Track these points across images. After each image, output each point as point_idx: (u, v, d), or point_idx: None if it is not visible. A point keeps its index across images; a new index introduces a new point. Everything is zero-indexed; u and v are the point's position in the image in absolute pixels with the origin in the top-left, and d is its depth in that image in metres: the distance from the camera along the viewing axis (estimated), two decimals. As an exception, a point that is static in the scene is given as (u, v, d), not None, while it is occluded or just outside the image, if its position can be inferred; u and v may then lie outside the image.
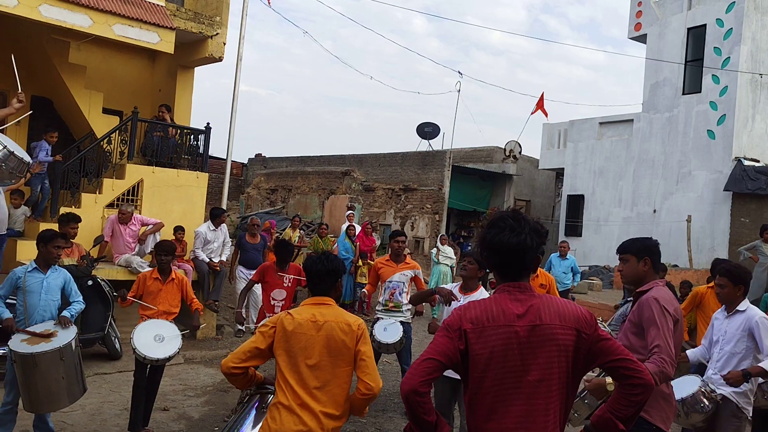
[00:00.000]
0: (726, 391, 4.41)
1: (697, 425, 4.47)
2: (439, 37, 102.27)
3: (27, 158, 5.58)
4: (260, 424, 3.28)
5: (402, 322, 6.56)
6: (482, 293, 5.04)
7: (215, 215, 9.51)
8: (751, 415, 4.51)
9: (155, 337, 5.34)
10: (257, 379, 3.38)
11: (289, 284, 6.45)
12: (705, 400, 4.34)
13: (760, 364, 4.32)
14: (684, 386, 4.45)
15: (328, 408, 3.06)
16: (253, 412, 3.49)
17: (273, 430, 3.02)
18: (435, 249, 13.29)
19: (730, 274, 4.57)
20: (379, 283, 6.95)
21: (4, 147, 5.33)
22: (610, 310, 10.34)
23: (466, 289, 5.09)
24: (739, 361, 4.42)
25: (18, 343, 4.63)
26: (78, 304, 5.15)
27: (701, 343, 4.90)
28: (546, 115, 19.21)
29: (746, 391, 4.43)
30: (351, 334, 3.11)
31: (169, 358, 5.40)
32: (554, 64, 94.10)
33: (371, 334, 5.95)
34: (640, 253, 3.68)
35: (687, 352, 4.93)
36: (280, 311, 6.19)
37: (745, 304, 4.54)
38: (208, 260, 9.26)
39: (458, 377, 2.44)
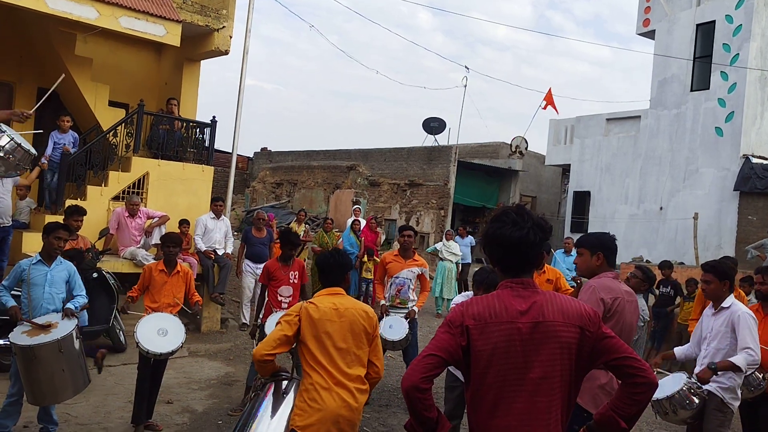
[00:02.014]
0: (712, 386, 4.47)
1: (687, 421, 4.55)
2: (444, 32, 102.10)
3: (32, 150, 5.59)
4: (281, 409, 3.55)
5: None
6: None
7: (211, 202, 9.60)
8: (735, 409, 4.56)
9: (159, 331, 5.32)
10: (276, 367, 3.61)
11: (295, 281, 6.41)
12: (692, 396, 4.42)
13: (730, 359, 4.36)
14: (670, 384, 4.53)
15: (357, 384, 3.42)
16: (270, 398, 3.66)
17: (316, 409, 3.30)
18: (440, 243, 13.28)
19: (715, 270, 4.60)
20: (386, 277, 6.91)
21: (11, 139, 5.35)
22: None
23: None
24: (723, 358, 4.45)
25: (18, 336, 4.63)
26: (81, 298, 5.14)
27: (691, 340, 4.93)
28: (556, 110, 19.20)
29: (732, 386, 4.48)
30: (369, 320, 3.50)
31: (173, 353, 5.39)
32: (560, 60, 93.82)
33: None
34: (594, 248, 3.76)
35: (675, 349, 4.99)
36: (287, 307, 6.21)
37: (729, 300, 4.57)
38: (205, 248, 9.27)
39: None
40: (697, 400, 4.42)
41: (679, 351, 4.92)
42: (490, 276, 4.76)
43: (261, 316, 6.51)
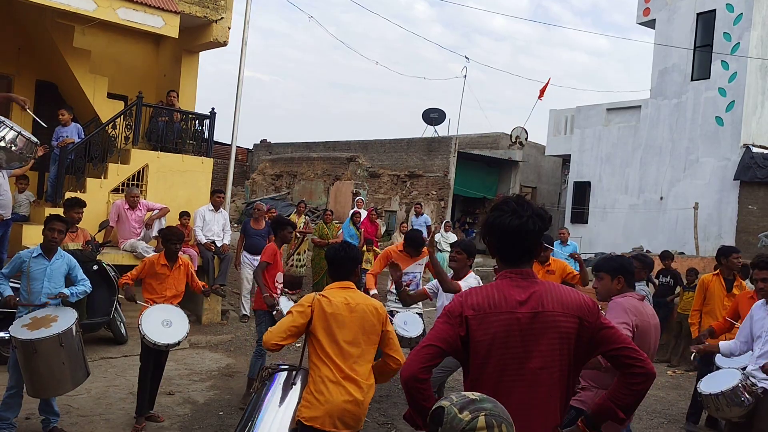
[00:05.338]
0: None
1: (735, 418, 4.41)
2: (442, 22, 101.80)
3: (34, 139, 5.58)
4: (288, 399, 3.57)
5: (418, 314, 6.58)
6: (470, 278, 5.11)
7: (211, 194, 9.68)
8: None
9: (163, 323, 5.34)
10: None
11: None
12: (746, 393, 4.28)
13: None
14: (724, 379, 4.41)
15: (365, 378, 3.47)
16: (277, 389, 3.67)
17: (322, 402, 3.34)
18: (438, 234, 13.33)
19: None
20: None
21: (11, 128, 5.34)
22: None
23: (455, 278, 5.18)
24: None
25: (18, 329, 4.62)
26: (83, 286, 5.13)
27: (736, 337, 4.74)
28: (541, 98, 19.15)
29: None
30: (378, 317, 3.53)
31: (179, 343, 5.42)
32: (558, 50, 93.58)
33: None
34: (614, 272, 3.75)
35: (720, 343, 4.84)
36: (280, 293, 6.27)
37: None
38: (205, 240, 9.28)
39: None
40: (751, 398, 4.28)
41: (724, 346, 4.77)
42: None
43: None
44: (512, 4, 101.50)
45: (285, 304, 5.89)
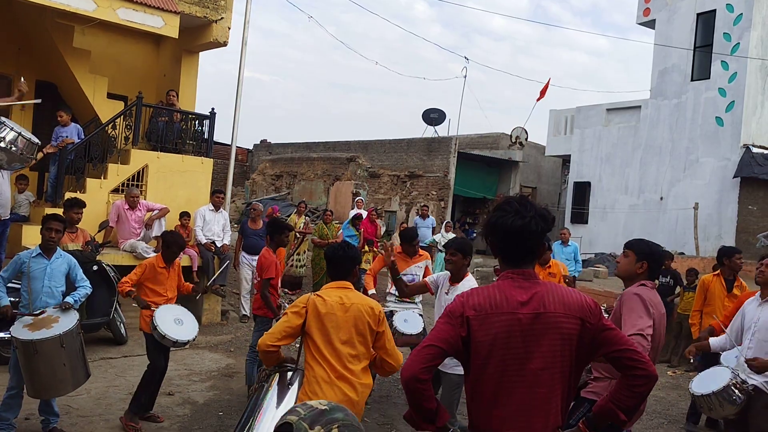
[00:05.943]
0: (758, 381, 4.26)
1: (729, 417, 4.37)
2: (441, 22, 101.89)
3: (35, 139, 5.58)
4: (285, 400, 3.53)
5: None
6: (469, 280, 4.98)
7: (211, 194, 9.73)
8: None
9: (175, 321, 5.41)
10: (282, 357, 3.64)
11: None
12: (737, 391, 4.23)
13: None
14: (715, 378, 4.37)
15: (360, 378, 3.43)
16: (274, 390, 3.65)
17: None
18: (439, 235, 13.33)
19: None
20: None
21: (11, 129, 5.34)
22: (615, 298, 10.31)
23: (454, 280, 5.00)
24: None
25: (20, 330, 4.61)
26: (83, 289, 5.13)
27: (726, 332, 4.71)
28: (540, 99, 19.16)
29: None
30: (374, 317, 3.47)
31: (194, 339, 5.51)
32: (557, 50, 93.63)
33: (391, 326, 5.86)
34: (642, 255, 3.66)
35: (710, 340, 4.82)
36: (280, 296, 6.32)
37: None
38: (205, 240, 9.29)
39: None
40: (742, 396, 4.23)
41: (714, 342, 4.74)
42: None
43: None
44: (512, 4, 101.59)
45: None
